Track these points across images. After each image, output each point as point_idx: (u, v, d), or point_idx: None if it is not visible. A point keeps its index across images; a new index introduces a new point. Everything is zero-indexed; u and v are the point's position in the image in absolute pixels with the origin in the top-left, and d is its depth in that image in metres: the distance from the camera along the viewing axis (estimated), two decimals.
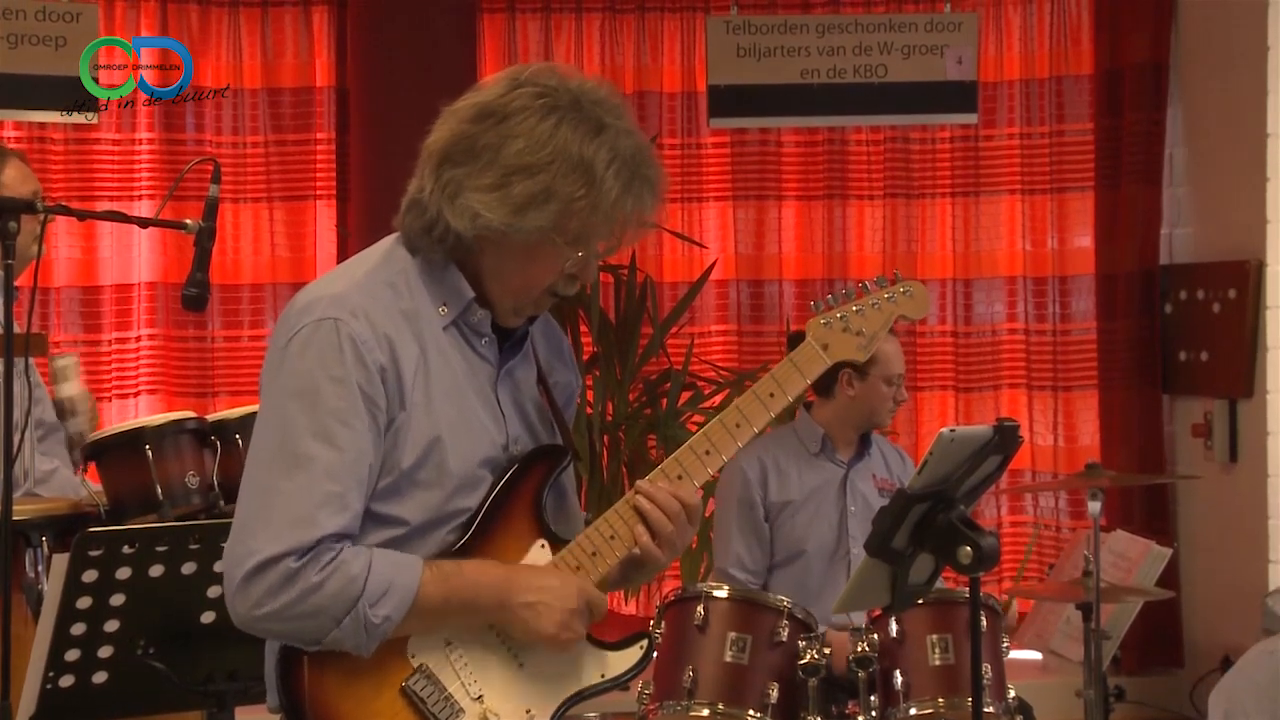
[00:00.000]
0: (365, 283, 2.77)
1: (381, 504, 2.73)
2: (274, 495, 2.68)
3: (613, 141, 2.72)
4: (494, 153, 2.71)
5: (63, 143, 7.33)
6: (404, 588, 2.70)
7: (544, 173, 2.70)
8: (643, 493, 2.86)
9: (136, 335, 7.46)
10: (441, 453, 2.75)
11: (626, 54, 7.89)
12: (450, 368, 2.78)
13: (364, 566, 2.67)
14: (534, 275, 2.78)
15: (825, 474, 5.30)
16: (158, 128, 7.44)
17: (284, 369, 2.72)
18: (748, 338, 7.95)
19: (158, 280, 7.47)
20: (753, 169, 7.96)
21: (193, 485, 4.43)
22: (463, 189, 2.72)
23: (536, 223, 2.71)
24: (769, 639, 4.67)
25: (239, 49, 7.58)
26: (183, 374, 7.50)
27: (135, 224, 5.50)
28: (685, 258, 7.83)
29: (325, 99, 7.65)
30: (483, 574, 2.77)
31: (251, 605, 2.66)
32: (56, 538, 4.26)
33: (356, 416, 2.68)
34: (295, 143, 7.64)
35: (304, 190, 7.65)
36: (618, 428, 7.09)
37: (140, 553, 3.51)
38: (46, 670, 3.49)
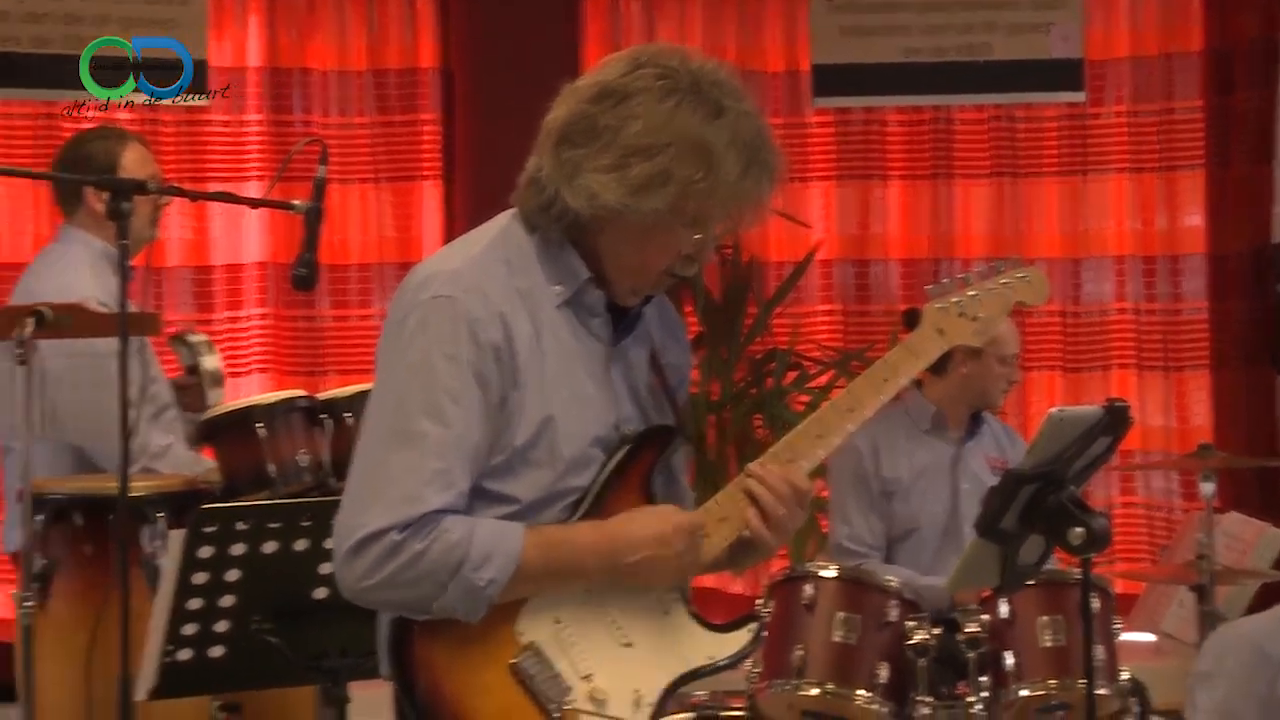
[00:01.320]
0: (481, 259, 2.79)
1: (494, 481, 2.75)
2: (383, 470, 2.70)
3: (732, 124, 2.72)
4: (613, 134, 2.72)
5: (174, 125, 7.40)
6: (507, 552, 2.71)
7: (662, 155, 2.71)
8: (754, 475, 2.85)
9: (247, 315, 7.53)
10: (553, 432, 2.76)
11: (729, 33, 7.88)
12: (563, 347, 2.79)
13: (466, 533, 2.70)
14: (651, 256, 2.79)
15: (936, 452, 5.28)
16: (266, 109, 7.51)
17: (399, 345, 2.74)
18: (853, 317, 7.93)
19: (267, 260, 7.53)
20: (857, 148, 7.93)
21: (304, 463, 4.48)
22: (581, 169, 2.73)
23: (654, 204, 2.72)
24: (878, 619, 4.66)
25: (345, 31, 7.63)
26: (293, 353, 7.57)
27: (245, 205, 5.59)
28: (790, 237, 7.81)
29: (430, 80, 7.69)
30: (585, 536, 2.78)
31: (358, 577, 2.69)
32: (173, 514, 4.32)
33: (468, 394, 2.70)
34: (401, 124, 7.69)
35: (411, 171, 7.69)
36: (724, 407, 7.10)
37: (254, 529, 3.55)
38: (165, 644, 3.54)
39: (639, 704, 2.83)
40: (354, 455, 2.77)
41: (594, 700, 2.79)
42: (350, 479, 2.75)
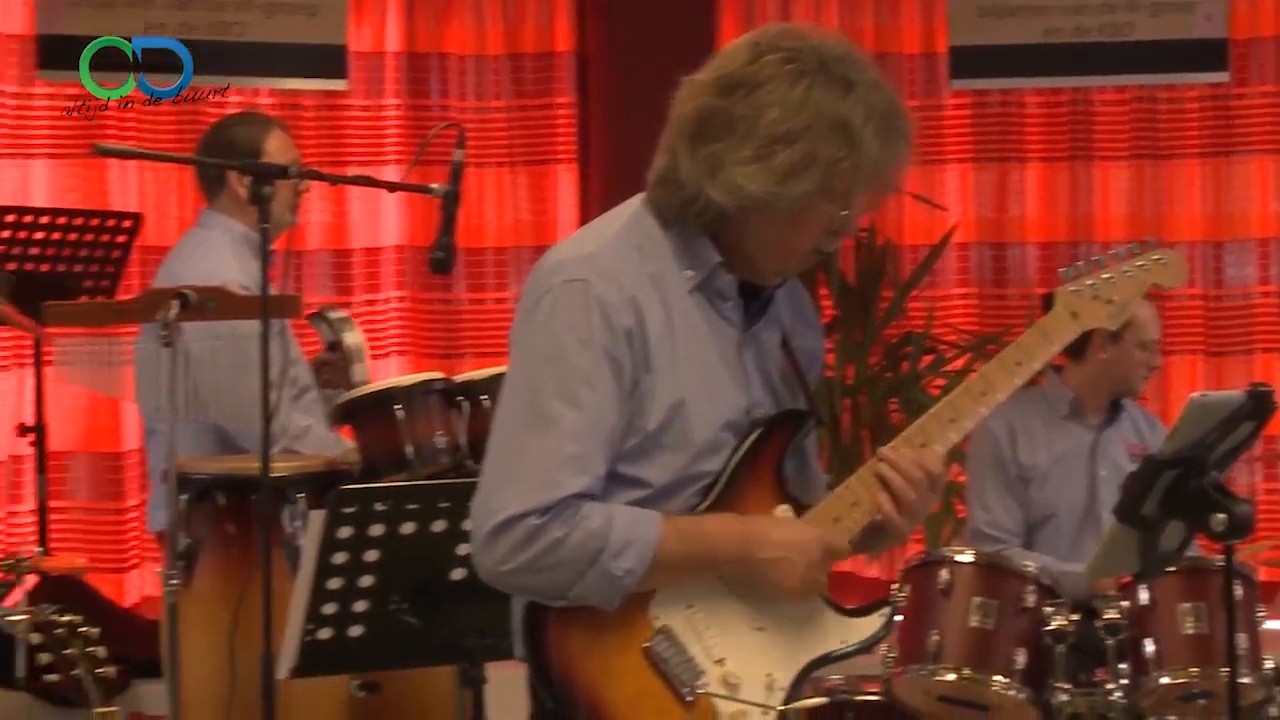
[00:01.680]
0: (614, 244, 2.79)
1: (626, 466, 2.76)
2: (519, 454, 2.71)
3: (865, 97, 2.72)
4: (750, 124, 2.71)
5: (314, 109, 7.49)
6: (645, 541, 2.72)
7: (803, 139, 2.70)
8: (886, 460, 2.84)
9: (385, 298, 7.61)
10: (685, 416, 2.76)
11: (866, 15, 7.84)
12: (695, 331, 2.79)
13: (605, 521, 2.71)
14: (799, 238, 2.78)
15: (1074, 438, 5.23)
16: (404, 94, 7.57)
17: (532, 329, 2.75)
18: (989, 301, 7.87)
19: (405, 243, 7.60)
20: (994, 130, 7.86)
21: (441, 445, 4.51)
22: (722, 163, 2.72)
23: (802, 188, 2.71)
24: (1015, 604, 4.63)
25: (482, 15, 7.67)
26: (430, 335, 7.64)
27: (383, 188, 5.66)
28: (925, 220, 7.77)
29: (566, 64, 7.72)
30: (722, 528, 2.78)
31: (497, 561, 2.71)
32: (313, 495, 4.37)
33: (601, 379, 2.71)
34: (537, 107, 7.72)
35: (546, 154, 7.73)
36: (858, 391, 7.07)
37: (392, 510, 3.58)
38: (305, 623, 3.58)
39: (772, 688, 2.83)
40: (490, 439, 2.78)
41: (727, 684, 2.80)
42: (487, 463, 2.76)
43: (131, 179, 7.29)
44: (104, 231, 6.47)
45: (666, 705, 2.77)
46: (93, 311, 5.47)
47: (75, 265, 6.36)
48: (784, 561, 2.78)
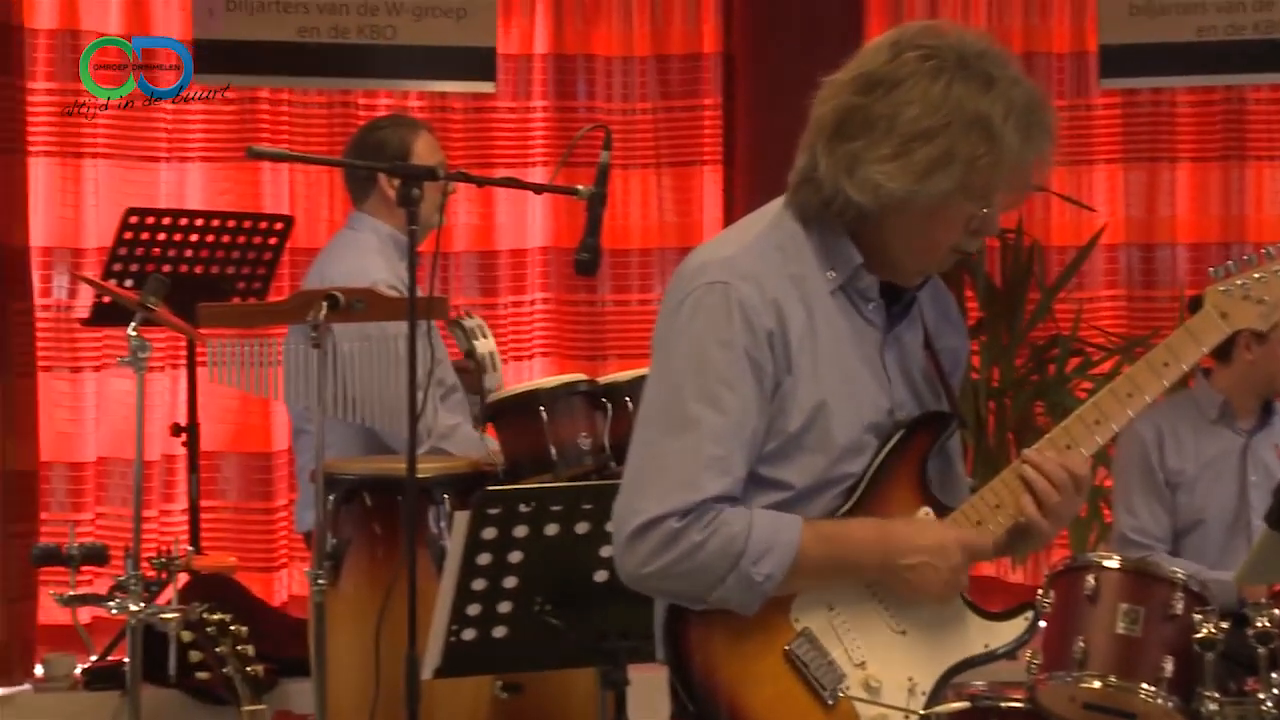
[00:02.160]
0: (755, 246, 2.80)
1: (768, 468, 2.76)
2: (660, 456, 2.73)
3: (1005, 93, 2.70)
4: (889, 122, 2.70)
5: (462, 111, 7.53)
6: (785, 546, 2.72)
7: (943, 135, 2.68)
8: (1029, 462, 2.82)
9: (531, 299, 7.63)
10: (827, 418, 2.76)
11: (1015, 14, 7.76)
12: (836, 333, 2.79)
13: (745, 525, 2.71)
14: (939, 236, 2.77)
15: (1224, 442, 5.16)
16: (551, 95, 7.60)
17: (674, 332, 2.76)
18: (1138, 303, 7.76)
19: (550, 245, 7.63)
20: (1144, 130, 7.76)
21: (585, 446, 4.53)
22: (861, 162, 2.72)
23: (941, 186, 2.70)
24: (1162, 611, 4.56)
25: (629, 17, 7.69)
26: (574, 337, 7.66)
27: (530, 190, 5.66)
28: (1073, 221, 7.68)
29: (712, 65, 7.71)
30: (863, 534, 2.78)
31: (638, 563, 2.72)
32: (458, 495, 4.40)
33: (742, 381, 2.71)
34: (683, 109, 7.72)
35: (691, 156, 7.72)
36: (1004, 394, 7.01)
37: (536, 512, 3.60)
38: (450, 624, 3.61)
39: (914, 691, 2.81)
40: (631, 442, 2.79)
41: (868, 688, 2.79)
42: (628, 465, 2.78)
43: (283, 181, 7.37)
44: (256, 234, 6.55)
45: (807, 708, 2.76)
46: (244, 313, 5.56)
47: (228, 267, 6.45)
48: (926, 567, 2.77)
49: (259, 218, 6.71)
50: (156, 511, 7.17)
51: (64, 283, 7.11)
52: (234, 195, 7.30)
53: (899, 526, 2.79)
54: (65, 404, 7.13)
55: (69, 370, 7.13)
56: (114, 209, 6.85)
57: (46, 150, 7.07)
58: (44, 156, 7.06)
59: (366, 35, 7.15)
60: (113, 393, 7.14)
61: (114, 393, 7.13)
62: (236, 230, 6.49)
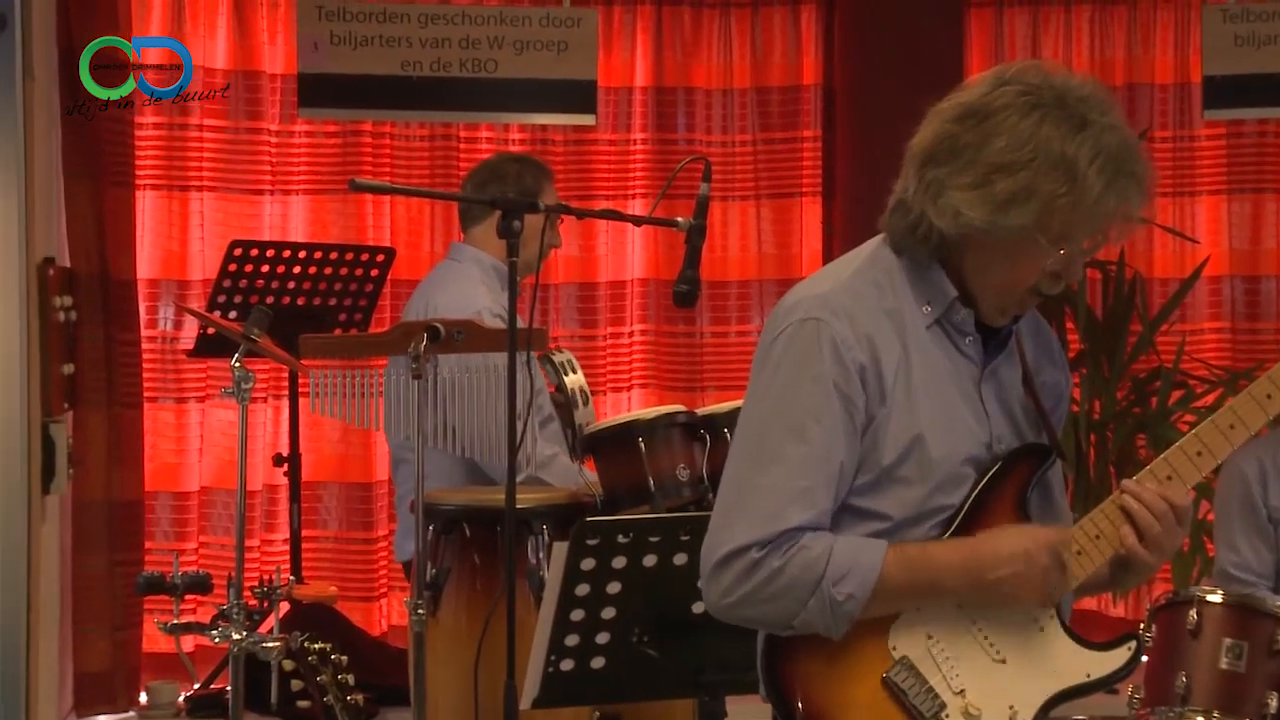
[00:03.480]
0: (850, 282, 2.82)
1: (863, 499, 2.78)
2: (747, 489, 2.76)
3: (1096, 137, 2.70)
4: (975, 151, 2.72)
5: (563, 144, 7.58)
6: (867, 567, 2.73)
7: (1025, 170, 2.69)
8: (1129, 493, 2.82)
9: (630, 331, 7.66)
10: (923, 450, 2.77)
11: (1117, 45, 7.72)
12: (933, 366, 2.80)
13: (825, 549, 2.73)
14: (1017, 274, 2.78)
15: None
16: (651, 128, 7.63)
17: (767, 368, 2.80)
18: (1242, 335, 7.69)
19: (649, 277, 7.64)
20: (1249, 161, 7.69)
21: (683, 478, 4.54)
22: (945, 188, 2.74)
23: (1018, 221, 2.71)
24: (1267, 646, 4.51)
25: (729, 49, 7.71)
26: (673, 369, 7.67)
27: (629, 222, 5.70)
28: (1176, 253, 7.62)
29: (812, 97, 7.71)
30: (948, 553, 2.78)
31: (720, 594, 2.76)
32: (556, 526, 4.42)
33: (830, 414, 2.74)
34: (783, 140, 7.73)
35: (791, 188, 7.73)
36: (1105, 426, 6.96)
37: (635, 543, 3.61)
38: (548, 655, 3.62)
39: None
40: (723, 474, 2.83)
41: (968, 716, 2.79)
42: (718, 499, 2.82)
43: (385, 214, 7.44)
44: (358, 266, 6.61)
45: None
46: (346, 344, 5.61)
47: (330, 299, 6.50)
48: (1016, 576, 2.77)
49: (361, 249, 6.78)
50: (258, 541, 7.24)
51: (169, 314, 7.19)
52: (336, 228, 7.37)
53: (983, 541, 2.79)
54: (170, 434, 7.21)
55: (174, 401, 7.21)
56: (219, 241, 6.94)
57: (154, 183, 7.17)
58: (151, 189, 7.15)
59: (468, 69, 7.20)
60: (216, 423, 7.22)
61: (217, 423, 7.21)
62: (339, 262, 6.55)
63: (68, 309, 6.10)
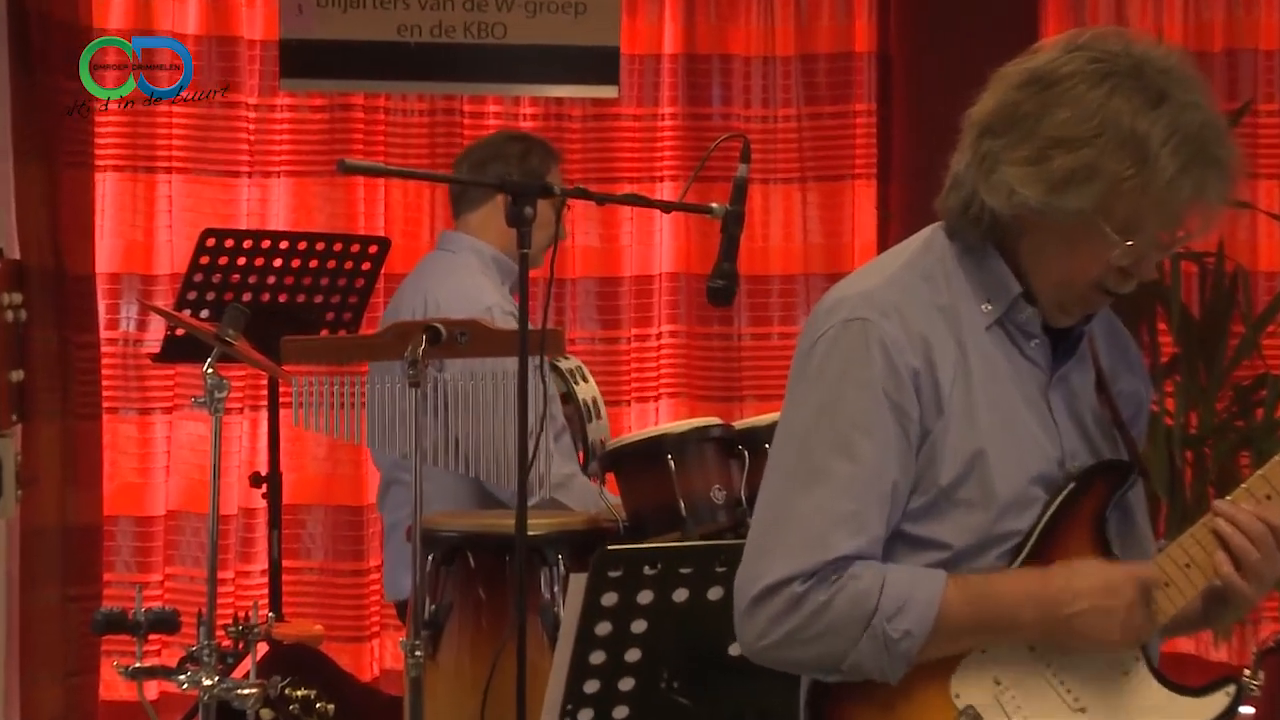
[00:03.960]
0: (900, 276, 2.84)
1: (919, 525, 2.79)
2: (787, 513, 2.77)
3: (1174, 115, 2.70)
4: (1035, 122, 2.73)
5: (580, 119, 7.58)
6: (925, 600, 2.74)
7: (1088, 147, 2.70)
8: (1222, 514, 2.83)
9: (657, 332, 7.65)
10: (985, 468, 2.78)
11: (1216, 7, 7.71)
12: (994, 372, 2.81)
13: (877, 580, 2.73)
14: (1076, 265, 2.79)
15: None
16: (682, 101, 7.62)
17: (807, 374, 2.81)
18: None
19: (680, 271, 7.64)
20: None
21: (718, 500, 4.56)
22: (999, 162, 2.75)
23: (1076, 204, 2.72)
24: None
25: (771, 13, 7.71)
26: (706, 376, 7.66)
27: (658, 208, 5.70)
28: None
29: (865, 66, 7.71)
30: (1017, 585, 2.79)
31: (758, 634, 2.77)
32: (574, 556, 4.44)
33: (881, 426, 2.75)
34: (831, 115, 7.73)
35: (841, 168, 7.73)
36: (1203, 442, 6.95)
37: (663, 575, 3.62)
38: (564, 703, 3.64)
39: None
40: (758, 497, 2.84)
41: None
42: (753, 524, 2.83)
43: (379, 199, 7.45)
44: (348, 258, 6.62)
45: None
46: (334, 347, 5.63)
47: (316, 296, 6.51)
48: (1094, 612, 2.77)
49: (351, 240, 6.78)
50: (233, 573, 7.26)
51: (132, 313, 7.22)
52: (323, 215, 7.38)
53: (1057, 572, 2.79)
54: (132, 450, 7.23)
55: (136, 412, 7.24)
56: (189, 230, 6.96)
57: (116, 164, 7.19)
58: (112, 171, 7.17)
59: (473, 34, 7.21)
60: (185, 438, 7.24)
61: (187, 438, 7.23)
62: (326, 254, 6.56)
63: (16, 307, 6.05)
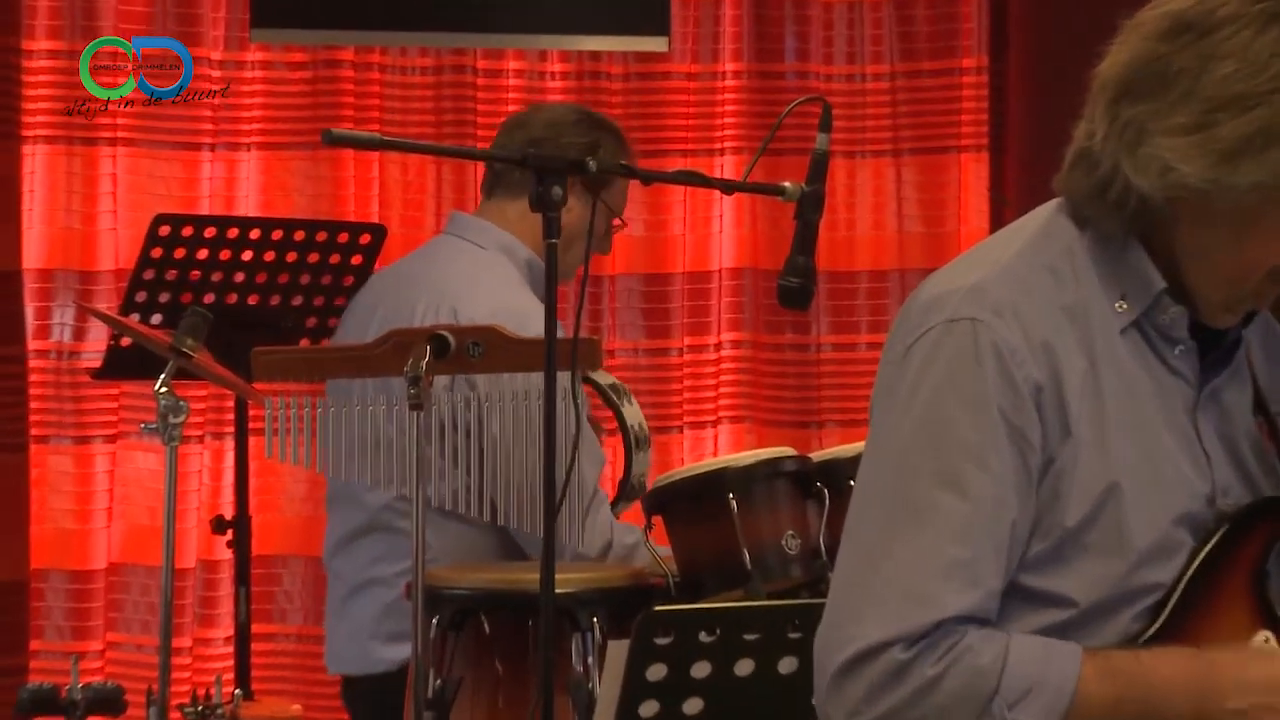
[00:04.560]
0: (1015, 267, 2.84)
1: (1037, 577, 2.79)
2: (880, 561, 2.77)
3: None
4: (1191, 80, 2.73)
5: (621, 79, 7.58)
6: (1056, 684, 2.75)
7: (1263, 106, 2.70)
8: None
9: (715, 342, 7.65)
10: (1120, 506, 2.78)
11: None
12: (1131, 387, 2.82)
13: (998, 655, 2.74)
14: (1254, 254, 2.79)
15: None
16: (747, 56, 7.63)
17: (899, 391, 2.83)
18: None
19: (744, 266, 7.65)
20: None
21: (792, 550, 4.57)
22: (1147, 132, 2.74)
23: (1253, 177, 2.72)
24: None
25: None
26: (777, 396, 7.66)
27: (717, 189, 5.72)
28: None
29: (975, 13, 7.72)
30: (1170, 667, 2.79)
31: (848, 710, 2.76)
32: (612, 618, 4.44)
33: (997, 455, 2.75)
34: (932, 73, 7.73)
35: (944, 139, 7.73)
36: None
37: (723, 642, 3.64)
38: None
39: None
40: (843, 543, 2.85)
41: None
42: (837, 575, 2.84)
43: (372, 178, 7.46)
44: (334, 250, 6.63)
45: None
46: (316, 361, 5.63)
47: (294, 297, 6.53)
48: (1264, 711, 2.78)
49: (338, 228, 6.79)
50: (191, 640, 7.28)
51: (68, 319, 7.23)
52: (305, 197, 7.40)
53: (1223, 657, 2.81)
54: (66, 488, 7.24)
55: (72, 441, 7.25)
56: (138, 216, 6.97)
57: (48, 135, 7.18)
58: (44, 144, 7.17)
59: None
60: (132, 473, 7.26)
61: (134, 473, 7.25)
62: (307, 245, 6.58)
63: None
